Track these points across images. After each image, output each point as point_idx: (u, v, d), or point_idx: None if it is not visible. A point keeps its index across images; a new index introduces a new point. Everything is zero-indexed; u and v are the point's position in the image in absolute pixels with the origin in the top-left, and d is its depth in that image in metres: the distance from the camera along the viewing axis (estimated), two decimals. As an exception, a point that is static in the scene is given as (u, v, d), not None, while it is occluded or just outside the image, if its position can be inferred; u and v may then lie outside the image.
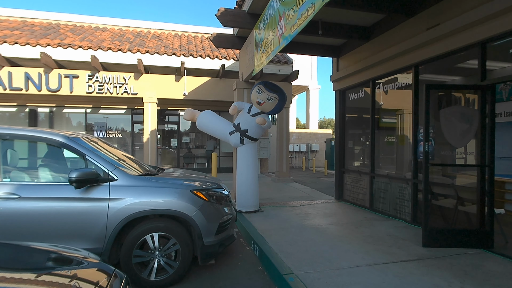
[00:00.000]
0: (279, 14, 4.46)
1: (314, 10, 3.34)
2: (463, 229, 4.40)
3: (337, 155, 7.98)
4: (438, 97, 4.78)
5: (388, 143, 6.74)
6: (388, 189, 6.17)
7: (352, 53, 7.10)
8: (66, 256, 2.01)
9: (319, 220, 5.85)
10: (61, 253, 2.04)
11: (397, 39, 5.55)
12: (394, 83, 6.12)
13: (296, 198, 8.19)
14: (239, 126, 6.39)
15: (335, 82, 7.90)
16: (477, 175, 4.37)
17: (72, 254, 2.04)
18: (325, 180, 13.04)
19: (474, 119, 4.29)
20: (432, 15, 4.83)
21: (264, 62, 5.39)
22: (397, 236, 4.83)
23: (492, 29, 3.94)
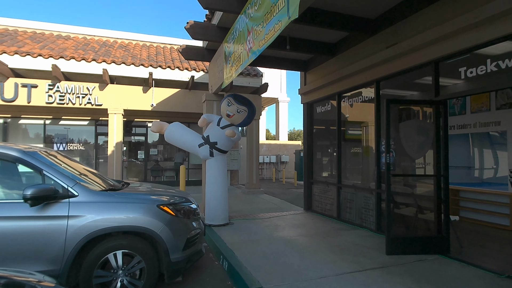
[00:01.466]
0: (248, 29, 4.54)
1: (281, 27, 3.44)
2: (423, 236, 4.63)
3: (305, 166, 8.14)
4: (398, 110, 5.07)
5: (354, 154, 7.00)
6: (354, 199, 6.37)
7: (319, 68, 7.37)
8: (17, 281, 1.86)
9: (289, 231, 5.89)
10: (11, 278, 1.88)
11: (360, 55, 5.85)
12: (358, 97, 6.42)
13: (266, 210, 8.20)
14: (208, 138, 6.35)
15: (303, 95, 8.13)
16: (434, 184, 4.64)
17: (25, 279, 1.89)
18: (294, 191, 13.21)
19: (430, 132, 4.60)
20: (390, 34, 5.16)
21: (233, 75, 5.44)
22: (363, 245, 4.97)
23: (443, 49, 4.28)
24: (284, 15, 3.35)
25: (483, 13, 3.64)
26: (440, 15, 4.30)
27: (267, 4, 3.86)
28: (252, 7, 4.38)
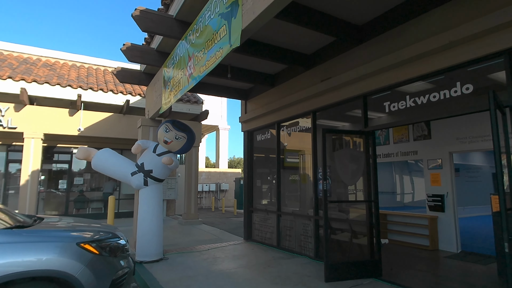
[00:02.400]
0: (189, 55, 4.47)
1: (222, 54, 3.44)
2: (358, 261, 4.79)
3: (245, 194, 8.06)
4: (332, 140, 5.38)
5: (293, 181, 7.16)
6: (294, 227, 6.42)
7: (259, 97, 7.57)
8: None
9: (228, 263, 5.63)
10: None
11: (298, 87, 6.17)
12: (297, 126, 6.68)
13: (204, 241, 7.81)
14: (142, 166, 5.93)
15: (243, 123, 8.21)
16: (366, 210, 4.91)
17: None
18: (234, 220, 12.94)
19: (361, 160, 4.92)
20: (325, 69, 5.56)
21: (172, 100, 5.24)
22: (303, 274, 4.95)
23: (370, 85, 4.72)
24: (226, 43, 3.36)
25: (402, 55, 4.13)
26: (366, 55, 4.77)
27: (208, 31, 3.86)
28: (193, 34, 4.35)
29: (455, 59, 3.63)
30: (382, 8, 4.38)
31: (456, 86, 3.76)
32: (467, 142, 6.10)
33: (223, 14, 3.48)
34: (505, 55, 3.28)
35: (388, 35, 4.44)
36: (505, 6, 3.16)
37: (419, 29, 4.02)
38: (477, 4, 3.44)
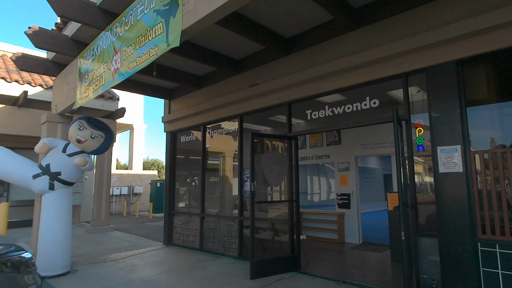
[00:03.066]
0: (115, 48, 4.15)
1: (157, 53, 3.32)
2: (280, 257, 5.14)
3: (167, 197, 7.77)
4: (257, 143, 5.65)
5: (217, 183, 7.22)
6: (217, 228, 6.48)
7: (185, 98, 7.42)
8: None
9: (149, 270, 5.36)
10: None
11: (226, 90, 6.28)
12: (223, 128, 6.78)
13: (119, 249, 7.24)
14: (48, 167, 5.22)
15: (167, 123, 7.91)
16: (288, 209, 5.30)
17: None
18: (150, 224, 12.28)
19: (285, 162, 5.30)
20: (253, 75, 5.80)
21: (91, 95, 4.77)
22: (228, 274, 5.06)
23: (294, 94, 5.13)
24: (163, 41, 3.26)
25: (323, 70, 4.62)
26: (291, 65, 5.18)
27: (141, 26, 3.67)
28: (121, 26, 4.06)
29: (366, 77, 4.25)
30: (308, 25, 4.82)
31: (366, 100, 4.40)
32: (369, 148, 7.13)
33: (160, 11, 3.36)
34: (403, 78, 3.99)
35: (312, 50, 4.91)
36: (404, 37, 3.85)
37: (338, 47, 4.57)
38: (384, 32, 4.10)
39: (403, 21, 3.94)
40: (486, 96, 3.70)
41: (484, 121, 3.66)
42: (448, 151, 3.50)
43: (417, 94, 3.93)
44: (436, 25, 3.63)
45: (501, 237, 3.21)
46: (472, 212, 3.37)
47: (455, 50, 3.51)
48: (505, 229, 3.20)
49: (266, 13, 4.45)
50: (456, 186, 3.45)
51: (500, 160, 3.28)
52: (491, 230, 3.28)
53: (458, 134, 3.45)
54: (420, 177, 4.13)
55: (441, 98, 3.60)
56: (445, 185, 3.53)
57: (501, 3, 3.23)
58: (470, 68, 3.59)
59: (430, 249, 3.73)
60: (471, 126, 3.52)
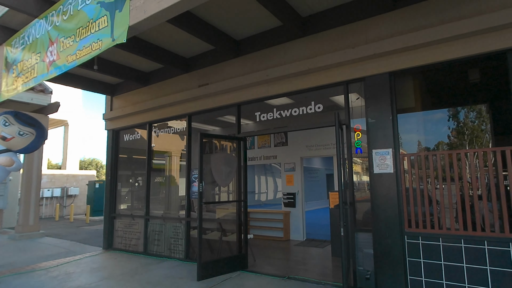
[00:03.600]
0: (50, 39, 3.80)
1: (101, 47, 3.13)
2: (227, 257, 5.17)
3: (107, 199, 7.31)
4: (205, 143, 5.62)
5: (163, 184, 7.00)
6: (163, 230, 6.29)
7: (130, 94, 7.05)
8: None
9: (87, 278, 5.01)
10: None
11: (175, 89, 6.12)
12: (171, 127, 6.59)
13: (51, 256, 6.63)
14: (-34, 167, 4.58)
15: (108, 121, 7.44)
16: (236, 209, 5.36)
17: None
18: (87, 229, 11.43)
19: (234, 163, 5.35)
20: (203, 75, 5.75)
21: (20, 88, 4.31)
22: (174, 276, 4.95)
23: (244, 96, 5.21)
24: (107, 35, 3.08)
25: (272, 73, 4.77)
26: (242, 67, 5.25)
27: (82, 17, 3.42)
28: (59, 15, 3.73)
29: (311, 83, 4.49)
30: (258, 29, 4.93)
31: (311, 105, 4.65)
32: (313, 149, 7.52)
33: (104, 3, 3.18)
34: (344, 85, 4.30)
35: (262, 53, 5.03)
36: (346, 48, 4.16)
37: (287, 53, 4.75)
38: (328, 41, 4.38)
39: (345, 33, 4.25)
40: (413, 105, 4.17)
41: (412, 127, 4.13)
42: (381, 153, 3.87)
43: (356, 100, 4.28)
44: (374, 39, 3.99)
45: (423, 230, 3.65)
46: (400, 208, 3.77)
47: (389, 63, 3.89)
48: (427, 223, 3.65)
49: (217, 14, 4.45)
50: (387, 185, 3.83)
51: (423, 162, 3.72)
52: (415, 224, 3.71)
53: (390, 138, 3.84)
54: (359, 177, 4.50)
55: (376, 106, 3.96)
56: (378, 185, 3.90)
57: (428, 24, 3.66)
58: (401, 80, 4.02)
59: (365, 243, 4.08)
60: (401, 131, 3.94)
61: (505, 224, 3.23)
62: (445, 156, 3.62)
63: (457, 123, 4.03)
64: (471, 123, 4.05)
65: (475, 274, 3.29)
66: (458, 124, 3.98)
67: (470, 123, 4.03)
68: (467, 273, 3.33)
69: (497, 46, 3.33)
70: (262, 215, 8.04)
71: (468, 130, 4.02)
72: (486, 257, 3.25)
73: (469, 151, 3.48)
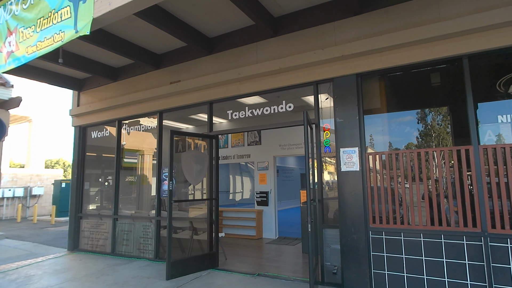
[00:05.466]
0: (9, 28, 3.59)
1: (63, 39, 3.01)
2: (197, 255, 5.13)
3: (73, 198, 7.02)
4: (177, 141, 5.54)
5: (131, 183, 6.81)
6: (132, 230, 6.13)
7: (98, 90, 6.80)
8: None
9: (49, 280, 4.80)
10: None
11: (145, 85, 5.98)
12: (141, 125, 6.43)
13: (10, 259, 6.29)
14: None
15: (75, 117, 7.14)
16: (208, 207, 5.33)
17: None
18: (52, 230, 10.91)
19: (205, 161, 5.32)
20: (175, 72, 5.66)
21: (-25, 79, 4.04)
22: (142, 276, 4.85)
23: (215, 94, 5.19)
24: (70, 27, 2.97)
25: (243, 72, 4.78)
26: (214, 65, 5.22)
27: (43, 7, 3.27)
28: (18, 4, 3.54)
29: (283, 82, 4.55)
30: (231, 27, 4.93)
31: (282, 104, 4.72)
32: (286, 149, 7.60)
33: (68, -7, 3.05)
34: (314, 85, 4.40)
35: (234, 52, 5.03)
36: (315, 49, 4.25)
37: (259, 52, 4.78)
38: (298, 42, 4.46)
39: (316, 34, 4.34)
40: (379, 106, 4.33)
41: (377, 127, 4.28)
42: (348, 152, 3.99)
43: (326, 101, 4.38)
44: (342, 41, 4.11)
45: (386, 225, 3.81)
46: (366, 205, 3.91)
47: (356, 65, 4.02)
48: (389, 218, 3.81)
49: (189, 11, 4.41)
50: (353, 183, 3.96)
51: (387, 160, 3.88)
52: (379, 219, 3.86)
53: (356, 138, 3.97)
54: (332, 176, 4.60)
55: (344, 106, 4.08)
56: (345, 182, 4.02)
57: (392, 29, 3.83)
58: (367, 82, 4.17)
59: (333, 239, 4.20)
60: (373, 132, 4.09)
61: (459, 219, 3.44)
62: (407, 155, 3.79)
63: (424, 125, 4.22)
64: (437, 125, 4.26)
65: (433, 266, 3.48)
66: (425, 126, 4.18)
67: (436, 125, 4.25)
68: (426, 265, 3.52)
69: (454, 51, 3.54)
70: (235, 214, 8.04)
71: (435, 132, 4.23)
72: (442, 250, 3.44)
73: (430, 150, 3.67)
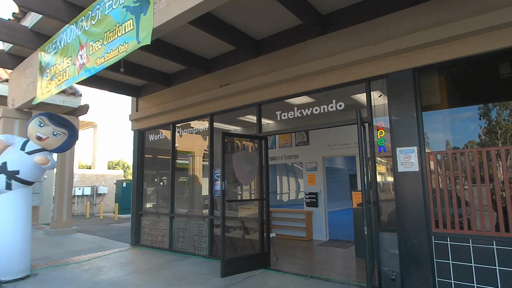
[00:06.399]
0: (80, 43, 4.01)
1: (127, 49, 3.27)
2: (250, 255, 5.22)
3: (134, 197, 7.58)
4: (230, 142, 5.69)
5: (184, 183, 7.16)
6: (187, 228, 6.44)
7: (154, 96, 7.27)
8: None
9: (116, 272, 5.23)
10: None
11: (197, 90, 6.25)
12: (192, 127, 6.74)
13: (83, 251, 6.96)
14: (5, 166, 4.92)
15: (134, 122, 7.71)
16: (258, 207, 5.40)
17: None
18: (116, 226, 11.89)
19: (256, 162, 5.39)
20: (224, 75, 5.83)
21: (53, 91, 4.57)
22: (198, 272, 5.06)
23: (264, 95, 5.24)
24: (133, 38, 3.21)
25: (292, 72, 4.76)
26: (262, 67, 5.27)
27: (109, 22, 3.58)
28: (88, 20, 3.93)
29: (332, 81, 4.44)
30: (278, 28, 4.95)
31: (332, 103, 4.61)
32: (335, 149, 7.42)
33: (130, 7, 3.31)
34: (366, 82, 4.23)
35: (282, 52, 5.04)
36: (367, 44, 4.08)
37: (307, 51, 4.73)
38: (348, 39, 4.32)
39: (367, 29, 4.17)
40: (439, 102, 4.03)
41: (438, 125, 3.98)
42: (406, 151, 3.77)
43: (379, 98, 4.19)
44: (396, 35, 3.89)
45: (452, 230, 3.52)
46: (427, 208, 3.65)
47: (412, 59, 3.78)
48: (455, 223, 3.51)
49: (238, 14, 4.51)
50: (412, 184, 3.73)
51: (450, 160, 3.59)
52: (442, 224, 3.58)
53: (415, 136, 3.73)
54: (383, 177, 4.39)
55: (399, 103, 3.86)
56: (403, 183, 3.80)
57: (452, 18, 3.53)
58: (425, 76, 3.89)
59: (390, 243, 3.99)
60: (427, 129, 3.82)
61: (541, 225, 3.06)
62: (474, 154, 3.47)
63: (489, 121, 3.84)
64: (504, 121, 3.84)
65: (509, 277, 3.14)
66: (489, 122, 3.79)
67: (503, 121, 3.83)
68: (500, 276, 3.18)
69: (531, 37, 3.16)
70: (284, 215, 8.03)
71: (502, 129, 3.82)
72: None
73: (500, 148, 3.31)
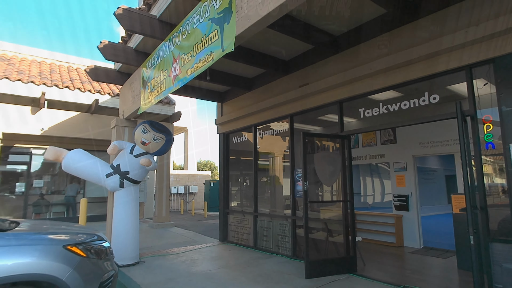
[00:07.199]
0: (174, 57, 4.48)
1: (213, 58, 3.52)
2: (335, 258, 5.07)
3: (221, 196, 8.11)
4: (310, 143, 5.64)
5: (266, 183, 7.34)
6: (271, 227, 6.59)
7: (236, 100, 7.68)
8: None
9: (208, 265, 5.66)
10: None
11: (276, 92, 6.37)
12: (273, 129, 6.88)
13: (179, 244, 7.73)
14: (119, 167, 5.79)
15: (219, 125, 8.26)
16: (342, 209, 5.21)
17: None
18: (205, 222, 12.87)
19: (338, 162, 5.22)
20: (303, 75, 5.81)
21: (153, 101, 5.20)
22: (282, 272, 5.13)
23: (345, 93, 5.03)
24: (218, 47, 3.45)
25: (374, 66, 4.47)
26: (342, 64, 5.08)
27: (197, 34, 3.92)
28: (179, 36, 4.38)
29: (423, 71, 4.01)
30: (358, 21, 4.71)
31: (424, 96, 4.17)
32: (428, 147, 6.67)
33: (215, 19, 3.57)
34: (466, 70, 3.71)
35: (362, 47, 4.77)
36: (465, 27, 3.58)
37: (392, 42, 4.38)
38: (442, 23, 3.85)
39: (462, 11, 3.65)
40: None
41: None
42: (523, 148, 3.17)
43: (483, 87, 3.62)
44: (503, 12, 3.31)
45: None
46: (555, 216, 3.01)
47: (529, 36, 3.17)
48: None
49: (315, 13, 4.44)
50: (533, 187, 3.11)
51: None
52: None
53: (535, 129, 3.11)
54: (489, 179, 3.78)
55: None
56: (520, 186, 3.20)
57: None
58: (549, 55, 3.22)
59: (504, 256, 3.41)
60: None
61: None
62: None
63: None
64: None
65: None
66: None
67: None
68: None
69: None
70: (370, 218, 7.56)
71: None
72: None
73: None
